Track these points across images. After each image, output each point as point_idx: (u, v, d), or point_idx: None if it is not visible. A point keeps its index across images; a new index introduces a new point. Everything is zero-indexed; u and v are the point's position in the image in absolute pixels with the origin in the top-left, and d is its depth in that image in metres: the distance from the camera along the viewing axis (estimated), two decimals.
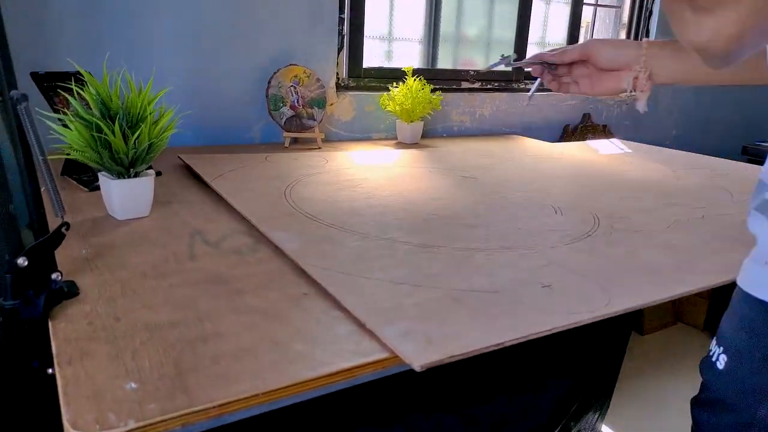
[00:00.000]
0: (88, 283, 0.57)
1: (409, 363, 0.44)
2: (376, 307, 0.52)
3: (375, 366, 0.46)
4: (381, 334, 0.48)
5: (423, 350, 0.45)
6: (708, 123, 2.34)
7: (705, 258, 0.70)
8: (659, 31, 2.05)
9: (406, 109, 1.45)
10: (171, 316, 0.51)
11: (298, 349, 0.47)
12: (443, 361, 0.45)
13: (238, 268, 0.63)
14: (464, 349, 0.46)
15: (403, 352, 0.45)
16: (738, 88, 2.39)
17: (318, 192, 0.92)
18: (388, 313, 0.51)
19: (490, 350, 0.47)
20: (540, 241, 0.73)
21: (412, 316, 0.51)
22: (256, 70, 1.39)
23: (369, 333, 0.49)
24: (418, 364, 0.44)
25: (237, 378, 0.42)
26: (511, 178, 1.09)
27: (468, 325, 0.50)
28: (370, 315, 0.51)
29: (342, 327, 0.51)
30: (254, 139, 1.44)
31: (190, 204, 0.87)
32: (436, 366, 0.44)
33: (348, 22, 1.53)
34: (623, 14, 2.09)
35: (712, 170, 1.28)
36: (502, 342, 0.48)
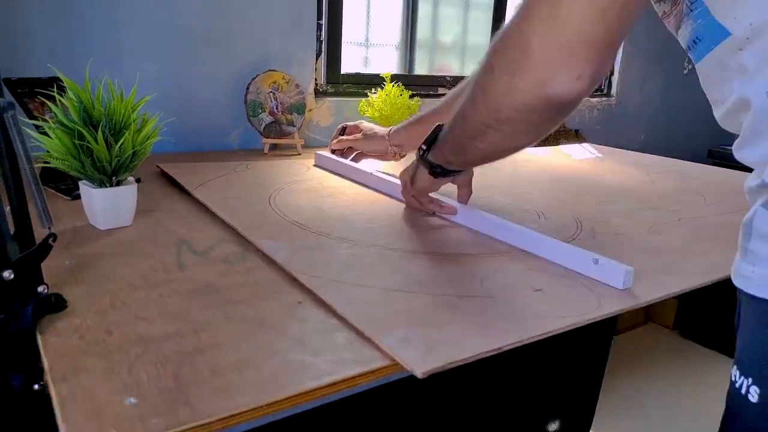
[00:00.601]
0: (76, 296, 0.55)
1: (410, 370, 0.45)
2: (373, 314, 0.52)
3: (377, 374, 0.46)
4: (380, 341, 0.48)
5: (424, 357, 0.46)
6: (674, 127, 2.42)
7: (686, 260, 0.72)
8: (628, 38, 2.10)
9: (386, 115, 1.46)
10: (165, 328, 0.50)
11: (298, 358, 0.46)
12: (445, 367, 0.45)
13: (228, 278, 0.62)
14: (465, 354, 0.46)
15: (405, 360, 0.45)
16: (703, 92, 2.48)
17: (303, 199, 0.92)
18: (386, 321, 0.51)
19: (490, 355, 0.48)
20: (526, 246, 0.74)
21: (409, 323, 0.51)
22: (233, 75, 1.38)
23: (368, 341, 0.49)
24: (420, 371, 0.44)
25: (239, 390, 0.42)
26: (492, 184, 1.11)
27: (466, 331, 0.50)
28: (368, 323, 0.51)
29: (340, 335, 0.50)
30: (232, 146, 1.43)
31: (174, 213, 0.85)
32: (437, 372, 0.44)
33: (326, 28, 1.53)
34: None
35: (682, 174, 1.32)
36: (501, 347, 0.48)
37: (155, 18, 1.25)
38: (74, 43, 1.18)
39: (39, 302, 0.49)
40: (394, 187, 0.93)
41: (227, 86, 1.37)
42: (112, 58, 1.22)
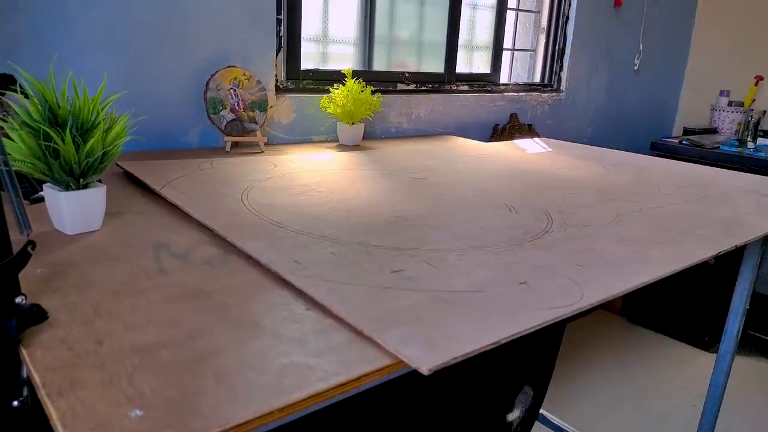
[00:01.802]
0: (55, 306, 0.53)
1: (416, 367, 0.45)
2: (369, 313, 0.53)
3: (382, 372, 0.46)
4: (381, 340, 0.48)
5: (427, 353, 0.46)
6: (619, 121, 2.52)
7: (653, 248, 0.76)
8: (576, 35, 2.18)
9: (348, 111, 1.45)
10: (159, 336, 0.49)
11: (302, 360, 0.46)
12: (449, 362, 0.46)
13: (214, 281, 0.61)
14: (466, 349, 0.47)
15: (409, 357, 0.46)
16: (646, 86, 2.60)
17: (276, 198, 0.90)
18: (383, 319, 0.52)
19: (488, 348, 0.49)
20: (505, 240, 0.76)
21: (406, 320, 0.52)
22: (191, 72, 1.33)
23: (368, 340, 0.49)
24: (426, 367, 0.44)
25: (248, 396, 0.41)
26: (459, 179, 1.13)
27: (462, 326, 0.51)
28: (366, 322, 0.51)
29: (339, 336, 0.50)
30: (191, 144, 1.38)
31: (143, 215, 0.82)
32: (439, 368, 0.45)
33: (285, 23, 1.50)
34: (542, 19, 2.21)
35: (635, 166, 1.38)
36: (498, 340, 0.49)
37: (107, 12, 1.19)
38: (24, 40, 1.11)
39: (22, 314, 0.46)
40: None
41: (184, 82, 1.33)
42: (64, 53, 1.16)
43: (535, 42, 2.22)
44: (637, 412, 1.85)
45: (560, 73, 2.21)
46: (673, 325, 2.34)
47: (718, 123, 2.60)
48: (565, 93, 2.22)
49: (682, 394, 1.97)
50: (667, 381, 2.04)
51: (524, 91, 2.10)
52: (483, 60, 2.11)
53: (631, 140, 2.58)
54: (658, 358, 2.19)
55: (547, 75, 2.21)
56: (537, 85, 2.21)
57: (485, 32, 2.08)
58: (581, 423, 1.68)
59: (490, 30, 2.07)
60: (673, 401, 1.93)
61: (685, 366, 2.16)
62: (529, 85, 2.19)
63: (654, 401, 1.92)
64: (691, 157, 2.21)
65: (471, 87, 1.96)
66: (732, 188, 1.17)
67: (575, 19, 2.15)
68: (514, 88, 2.11)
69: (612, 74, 2.40)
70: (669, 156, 2.03)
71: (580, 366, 2.09)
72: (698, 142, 2.28)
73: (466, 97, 1.89)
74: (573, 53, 2.19)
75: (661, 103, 2.75)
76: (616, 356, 2.19)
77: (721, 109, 2.59)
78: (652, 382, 2.03)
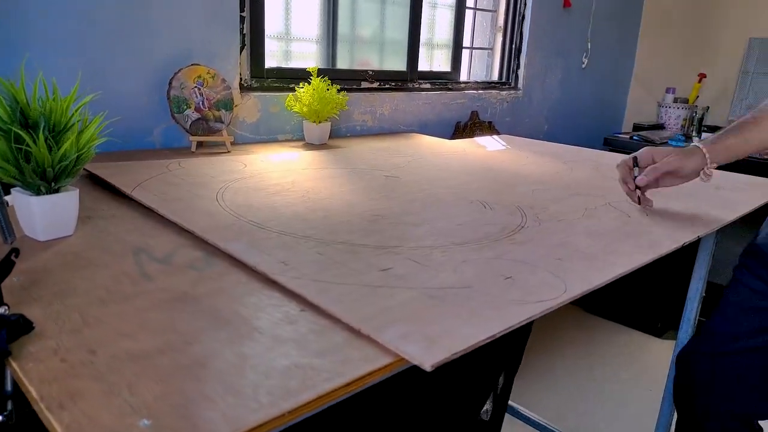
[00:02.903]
0: (38, 315, 0.51)
1: (419, 364, 0.46)
2: (364, 312, 0.53)
3: (384, 370, 0.47)
4: (380, 338, 0.49)
5: (428, 350, 0.47)
6: (573, 117, 2.61)
7: (623, 241, 0.80)
8: (531, 34, 2.24)
9: (315, 110, 1.45)
10: (153, 343, 0.48)
11: (304, 362, 0.46)
12: (449, 358, 0.47)
13: (201, 285, 0.60)
14: (465, 344, 0.48)
15: (411, 354, 0.47)
16: (596, 83, 2.70)
17: (252, 198, 0.89)
18: (379, 317, 0.52)
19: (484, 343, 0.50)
20: (483, 236, 0.78)
21: (401, 317, 0.53)
22: (153, 70, 1.30)
23: (365, 339, 0.50)
24: (429, 364, 0.45)
25: (256, 399, 0.41)
26: (429, 177, 1.14)
27: (457, 322, 0.53)
28: (363, 321, 0.51)
29: (337, 336, 0.51)
30: (155, 144, 1.35)
31: (116, 218, 0.80)
32: None
33: (248, 20, 1.48)
34: (499, 18, 2.26)
35: (594, 161, 1.44)
36: (494, 334, 0.51)
37: (66, 8, 1.14)
38: None
39: (10, 325, 0.44)
40: None
41: (146, 81, 1.29)
42: (16, 50, 1.10)
43: (493, 40, 2.27)
44: (599, 399, 1.93)
45: (517, 71, 2.27)
46: (627, 314, 2.45)
47: (664, 119, 2.73)
48: (522, 91, 2.28)
49: (639, 379, 2.07)
50: (624, 368, 2.14)
51: (484, 89, 2.15)
52: (443, 58, 2.14)
53: (584, 136, 2.68)
54: (615, 346, 2.29)
55: (505, 73, 2.26)
56: (496, 83, 2.26)
57: (445, 31, 2.11)
58: (546, 413, 1.73)
59: (450, 28, 2.10)
60: (631, 386, 2.02)
61: (640, 352, 2.26)
62: (488, 83, 2.24)
63: (614, 388, 2.01)
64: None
65: (433, 85, 1.99)
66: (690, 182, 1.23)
67: (531, 18, 2.21)
68: (474, 86, 2.15)
69: (564, 72, 2.48)
70: (621, 151, 2.12)
71: (541, 357, 2.16)
72: (648, 138, 2.39)
73: (428, 95, 1.92)
74: (529, 52, 2.25)
75: (611, 100, 2.86)
76: (574, 346, 2.27)
77: (667, 105, 2.72)
78: (610, 369, 2.12)
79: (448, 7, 2.08)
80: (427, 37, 2.04)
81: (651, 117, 2.85)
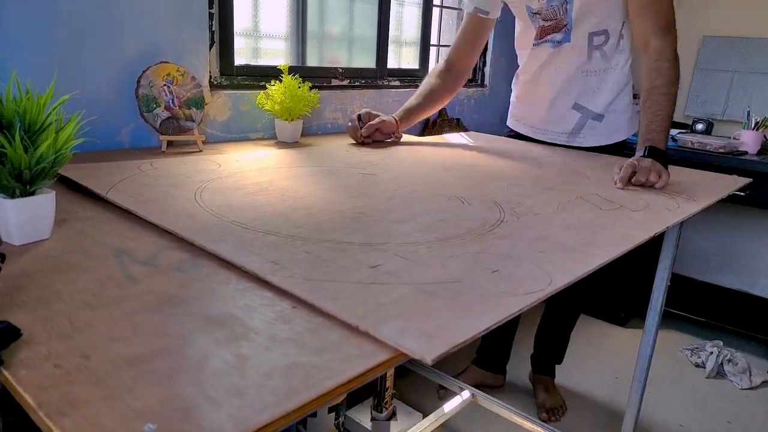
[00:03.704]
0: (25, 322, 0.49)
1: (420, 358, 0.47)
2: (359, 309, 0.53)
3: (383, 366, 0.47)
4: (378, 334, 0.49)
5: (427, 344, 0.48)
6: None
7: (599, 233, 0.82)
8: (495, 33, 2.27)
9: (287, 108, 1.44)
10: (148, 347, 0.47)
11: (304, 360, 0.46)
12: (449, 351, 0.48)
13: (190, 286, 0.59)
14: (463, 337, 0.49)
15: (412, 349, 0.47)
16: None
17: (231, 198, 0.88)
18: (375, 314, 0.53)
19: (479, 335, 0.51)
20: (465, 231, 0.79)
21: (396, 313, 0.53)
22: (120, 68, 1.26)
23: (362, 335, 0.50)
24: (430, 358, 0.46)
25: (259, 398, 0.41)
26: (405, 174, 1.15)
27: (452, 315, 0.53)
28: (359, 318, 0.52)
29: (333, 333, 0.51)
30: (123, 144, 1.31)
31: (91, 221, 0.78)
32: None
33: (217, 16, 1.45)
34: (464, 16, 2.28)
35: (561, 157, 1.47)
36: (487, 327, 0.52)
37: (28, 4, 1.10)
38: None
39: (1, 333, 0.43)
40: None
41: (113, 79, 1.26)
42: None
43: None
44: (566, 389, 1.98)
45: (483, 68, 2.30)
46: (590, 304, 2.52)
47: None
48: (488, 88, 2.31)
49: (604, 367, 2.13)
50: (589, 357, 2.20)
51: None
52: (410, 55, 2.15)
53: None
54: (579, 336, 2.35)
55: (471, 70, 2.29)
56: None
57: (412, 28, 2.12)
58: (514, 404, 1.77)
59: (417, 26, 2.12)
60: (597, 375, 2.08)
61: (604, 341, 2.33)
62: None
63: (580, 376, 2.07)
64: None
65: (402, 82, 2.00)
66: None
67: None
68: None
69: None
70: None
71: None
72: None
73: (397, 93, 1.92)
74: (494, 50, 2.29)
75: None
76: None
77: None
78: (576, 358, 2.18)
79: (416, 5, 2.10)
80: (395, 35, 2.05)
81: None
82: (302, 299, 0.56)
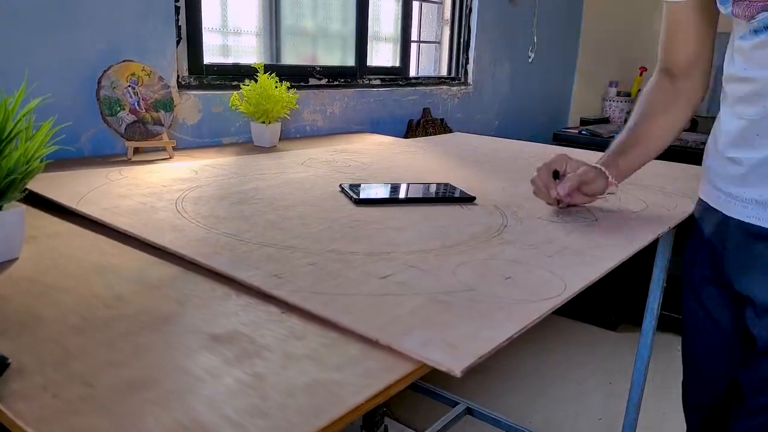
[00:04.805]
0: (11, 350, 0.48)
1: (448, 370, 0.47)
2: (376, 322, 0.54)
3: (407, 378, 0.48)
4: (400, 347, 0.50)
5: (453, 356, 0.49)
6: (522, 112, 2.72)
7: (604, 236, 0.85)
8: (479, 27, 2.31)
9: (263, 110, 1.43)
10: (153, 371, 0.46)
11: (324, 377, 0.46)
12: (475, 362, 0.49)
13: (187, 303, 0.58)
14: (488, 347, 0.50)
15: (437, 361, 0.48)
16: (544, 78, 2.82)
17: (217, 208, 0.88)
18: (393, 326, 0.53)
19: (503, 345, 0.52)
20: (470, 237, 0.80)
21: (415, 324, 0.54)
22: (79, 68, 1.24)
23: (382, 348, 0.51)
24: (459, 369, 0.47)
25: (285, 419, 0.41)
26: (397, 178, 1.16)
27: (472, 325, 0.54)
28: (378, 331, 0.52)
29: (351, 348, 0.51)
30: (83, 152, 1.28)
31: (63, 237, 0.76)
32: None
33: (184, 11, 1.44)
34: (445, 11, 2.32)
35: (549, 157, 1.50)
36: (510, 336, 0.53)
37: None
38: None
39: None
40: None
41: (72, 80, 1.23)
42: None
43: (440, 34, 2.33)
44: (561, 396, 2.02)
45: (467, 65, 2.34)
46: (581, 309, 2.57)
47: (609, 112, 2.89)
48: (472, 86, 2.35)
49: (597, 373, 2.18)
50: (582, 363, 2.25)
51: (435, 85, 2.20)
52: (389, 52, 2.17)
53: (534, 131, 2.79)
54: (572, 342, 2.40)
55: (454, 68, 2.32)
56: (446, 78, 2.31)
57: (390, 23, 2.14)
58: (510, 413, 1.80)
59: (395, 21, 2.14)
60: (591, 381, 2.12)
61: (596, 347, 2.39)
62: (438, 78, 2.29)
63: (574, 383, 2.11)
64: (591, 146, 2.44)
65: (383, 81, 2.01)
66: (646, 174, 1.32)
67: (478, 10, 2.29)
68: (426, 81, 2.20)
69: (513, 67, 2.58)
70: (571, 145, 2.23)
71: (501, 356, 2.23)
72: (596, 132, 2.52)
73: (379, 92, 1.94)
74: (478, 45, 2.33)
75: (558, 94, 3.00)
76: (533, 343, 2.36)
77: (610, 99, 2.89)
78: (569, 365, 2.22)
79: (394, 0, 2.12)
80: (375, 31, 2.06)
81: (596, 111, 3.01)
82: (312, 313, 0.56)
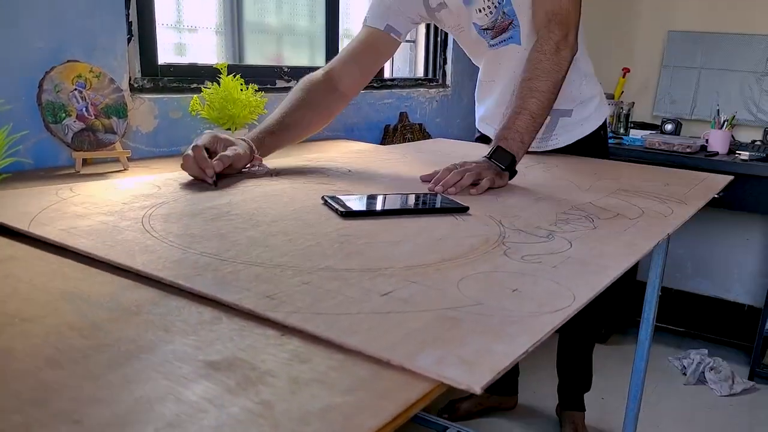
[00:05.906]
0: None
1: (467, 388, 0.50)
2: (385, 341, 0.56)
3: (426, 398, 0.50)
4: (415, 366, 0.52)
5: (470, 372, 0.51)
6: None
7: (605, 244, 0.89)
8: None
9: (228, 115, 1.44)
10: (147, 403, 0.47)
11: (337, 401, 0.48)
12: (494, 378, 0.51)
13: (173, 330, 0.59)
14: (505, 362, 0.53)
15: (455, 379, 0.50)
16: None
17: (190, 226, 0.89)
18: (404, 345, 0.55)
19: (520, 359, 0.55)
20: (469, 249, 0.84)
21: (427, 342, 0.56)
22: (17, 69, 1.23)
23: (393, 368, 0.53)
24: (479, 386, 0.50)
25: None
26: (382, 188, 1.19)
27: (485, 340, 0.57)
28: (389, 351, 0.54)
29: (361, 369, 0.53)
30: (23, 165, 1.27)
31: (21, 261, 0.77)
32: None
33: (135, 4, 1.45)
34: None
35: (542, 163, 1.56)
36: (526, 350, 0.56)
37: None
38: None
39: None
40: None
41: (9, 83, 1.22)
42: None
43: (415, 32, 2.38)
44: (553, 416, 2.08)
45: (444, 66, 2.39)
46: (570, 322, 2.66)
47: None
48: (451, 88, 2.40)
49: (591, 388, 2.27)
50: None
51: (411, 87, 2.24)
52: None
53: None
54: None
55: (431, 68, 2.38)
56: (422, 79, 2.36)
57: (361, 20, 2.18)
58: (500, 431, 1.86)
59: None
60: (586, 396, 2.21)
61: None
62: (415, 80, 2.34)
63: None
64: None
65: None
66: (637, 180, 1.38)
67: None
68: (401, 83, 2.24)
69: None
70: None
71: None
72: None
73: None
74: (456, 45, 2.38)
75: None
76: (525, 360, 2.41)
77: None
78: None
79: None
80: (345, 28, 2.10)
81: None
82: (317, 336, 0.57)
